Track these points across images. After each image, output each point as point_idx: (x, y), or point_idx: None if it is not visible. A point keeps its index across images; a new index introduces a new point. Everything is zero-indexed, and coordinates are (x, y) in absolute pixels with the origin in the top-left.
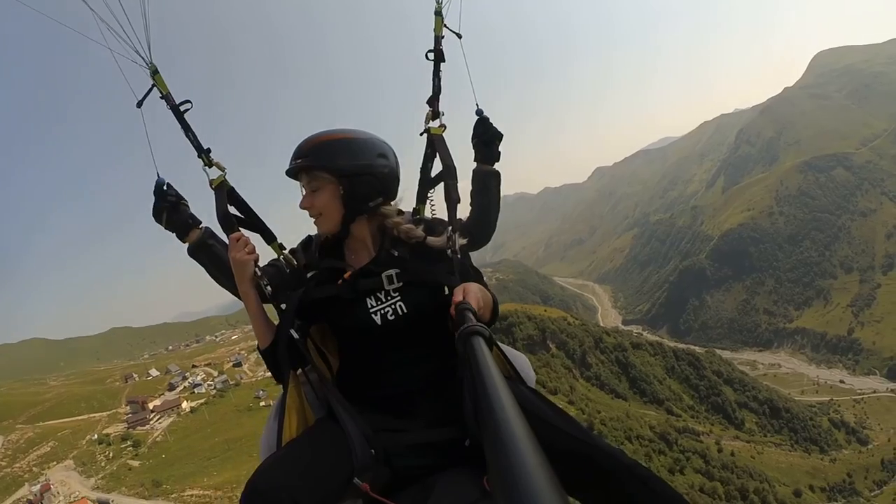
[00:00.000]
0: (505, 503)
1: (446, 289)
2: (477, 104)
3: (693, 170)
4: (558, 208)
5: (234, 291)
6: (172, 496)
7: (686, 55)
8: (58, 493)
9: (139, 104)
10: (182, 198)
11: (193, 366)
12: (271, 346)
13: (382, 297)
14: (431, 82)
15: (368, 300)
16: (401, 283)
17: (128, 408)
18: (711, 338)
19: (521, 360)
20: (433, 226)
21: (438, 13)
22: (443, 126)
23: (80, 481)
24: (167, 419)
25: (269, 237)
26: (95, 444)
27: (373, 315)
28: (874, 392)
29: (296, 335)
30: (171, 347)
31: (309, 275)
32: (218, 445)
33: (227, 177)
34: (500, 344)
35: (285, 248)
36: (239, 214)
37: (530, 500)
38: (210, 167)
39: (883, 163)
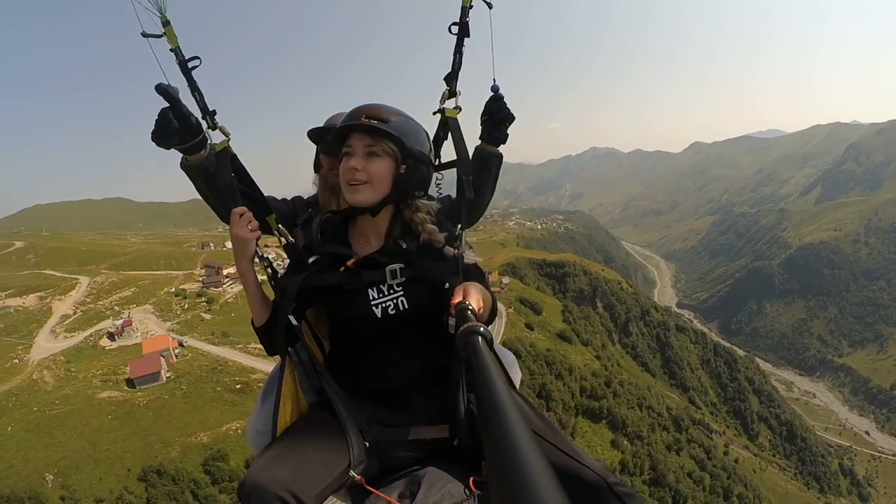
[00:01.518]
0: (503, 501)
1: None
2: (494, 80)
3: (792, 171)
4: (646, 173)
5: (223, 216)
6: (238, 346)
7: (815, 48)
8: (136, 329)
9: (144, 34)
10: (189, 114)
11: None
12: (266, 324)
13: (385, 289)
14: (452, 58)
15: (370, 291)
16: (404, 279)
17: (203, 270)
18: (758, 346)
19: (509, 359)
20: (442, 223)
21: None
22: (458, 108)
23: (156, 323)
24: (238, 286)
25: (267, 210)
26: (172, 296)
27: (373, 307)
28: (894, 455)
29: (293, 321)
30: None
31: (311, 259)
32: None
33: (230, 143)
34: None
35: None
36: (239, 186)
37: (532, 501)
38: (214, 130)
39: None
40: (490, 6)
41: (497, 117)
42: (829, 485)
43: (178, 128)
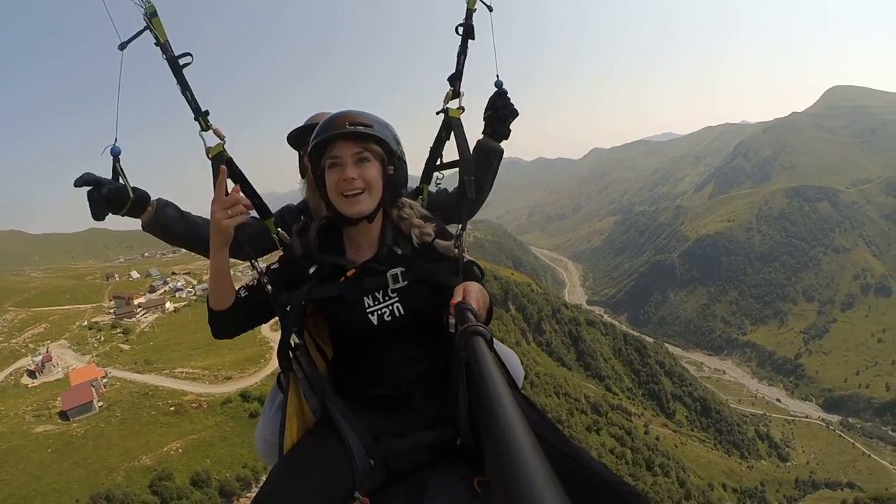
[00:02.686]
0: (504, 501)
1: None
2: (497, 76)
3: (686, 170)
4: (549, 180)
5: (202, 253)
6: (164, 372)
7: (705, 56)
8: (56, 364)
9: (122, 45)
10: (122, 181)
11: (173, 272)
12: (226, 310)
13: (380, 296)
14: (457, 59)
15: (366, 299)
16: (405, 283)
17: (112, 302)
18: (667, 333)
19: (511, 358)
20: (427, 217)
21: None
22: (461, 108)
23: (75, 357)
24: (152, 315)
25: (265, 213)
26: (86, 329)
27: (369, 315)
28: (806, 417)
29: (297, 340)
30: (147, 254)
31: (311, 270)
32: (202, 339)
33: (225, 146)
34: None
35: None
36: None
37: (532, 501)
38: (206, 132)
39: (868, 207)
40: (490, 9)
41: (501, 112)
42: (748, 450)
43: (106, 204)
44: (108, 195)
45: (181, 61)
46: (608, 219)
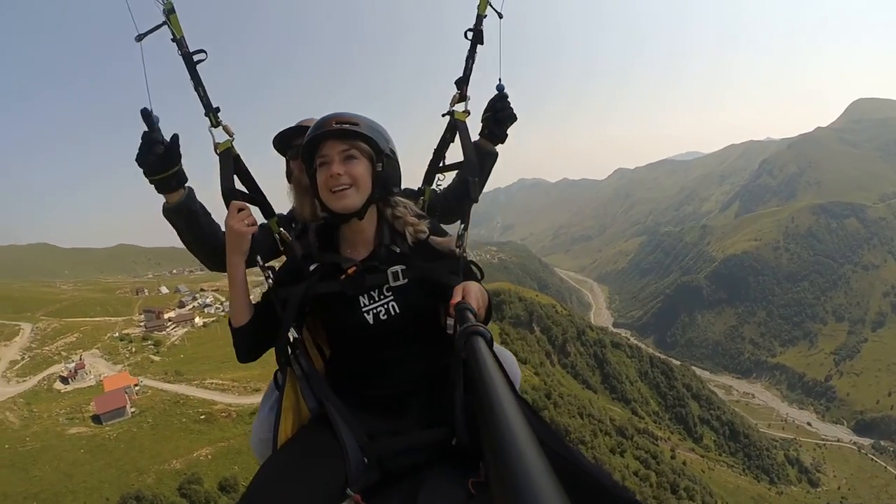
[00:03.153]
0: (506, 501)
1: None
2: (500, 80)
3: (712, 189)
4: (573, 201)
5: (208, 262)
6: (195, 383)
7: (727, 73)
8: (89, 372)
9: (139, 37)
10: (168, 146)
11: (202, 289)
12: (245, 326)
13: (376, 295)
14: (465, 63)
15: (361, 298)
16: (405, 280)
17: (143, 316)
18: (694, 356)
19: (508, 360)
20: (421, 215)
21: None
22: (467, 112)
23: (107, 366)
24: (182, 329)
25: (269, 212)
26: (117, 341)
27: (365, 314)
28: (837, 441)
29: (295, 334)
30: (175, 271)
31: (311, 267)
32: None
33: (234, 143)
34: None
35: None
36: (243, 189)
37: (532, 501)
38: (217, 127)
39: None
40: (500, 16)
41: (500, 115)
42: (777, 476)
43: (160, 152)
44: (171, 146)
45: (195, 58)
46: (633, 240)
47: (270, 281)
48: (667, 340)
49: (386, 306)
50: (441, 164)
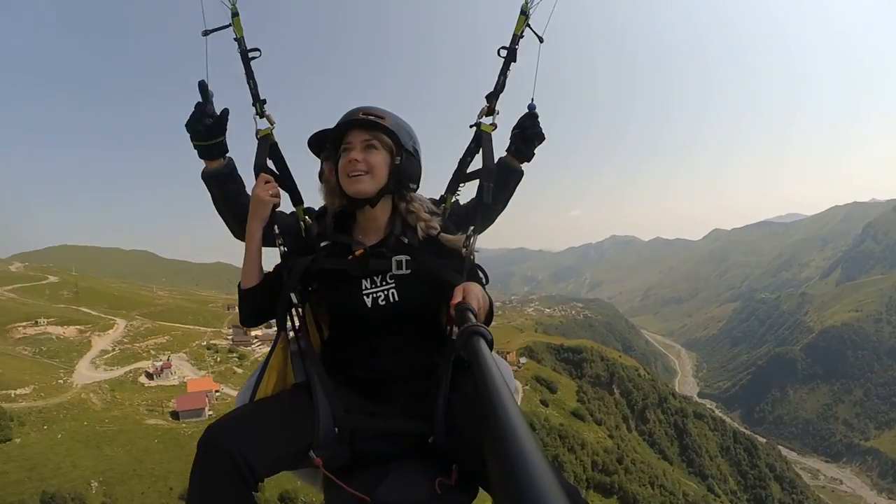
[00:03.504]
0: (510, 502)
1: (445, 291)
2: (532, 100)
3: (812, 254)
4: (666, 261)
5: (235, 230)
6: None
7: (832, 129)
8: (174, 372)
9: (205, 32)
10: (219, 116)
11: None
12: (252, 289)
13: (378, 281)
14: (497, 79)
15: (364, 282)
16: (409, 271)
17: (231, 330)
18: (783, 434)
19: (504, 368)
20: (446, 224)
21: (524, 12)
22: (494, 125)
23: (191, 370)
24: (266, 347)
25: (297, 199)
26: (204, 349)
27: (364, 296)
28: None
29: (295, 299)
30: None
31: (322, 244)
32: None
33: (273, 132)
34: None
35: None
36: (275, 171)
37: (536, 499)
38: (262, 117)
39: None
40: (541, 40)
41: (528, 133)
42: None
43: (209, 123)
44: (220, 118)
45: (250, 55)
46: (727, 305)
47: (283, 248)
48: (754, 416)
49: (386, 293)
50: (464, 173)
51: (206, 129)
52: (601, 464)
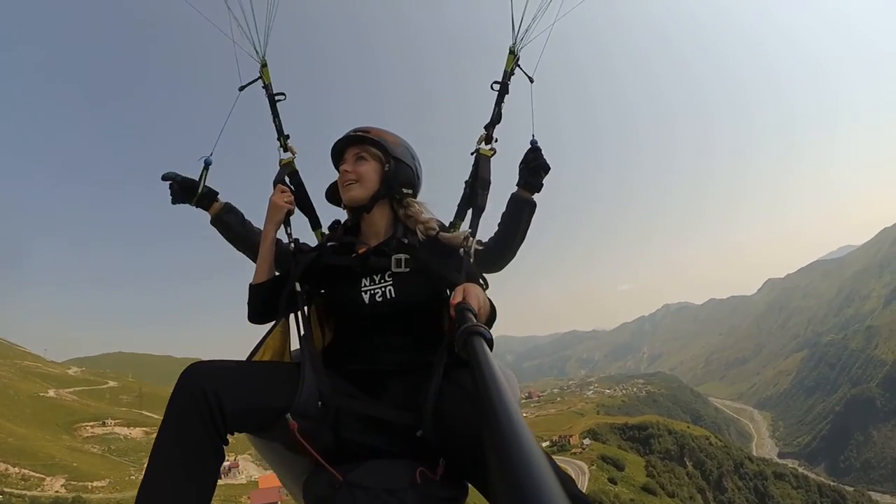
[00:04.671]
0: (511, 501)
1: (448, 290)
2: (533, 135)
3: (871, 284)
4: (723, 321)
5: (248, 256)
6: None
7: (875, 149)
8: (241, 472)
9: (241, 88)
10: (207, 188)
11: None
12: (262, 283)
13: (377, 279)
14: (493, 110)
15: (364, 279)
16: (407, 269)
17: None
18: (873, 479)
19: (508, 377)
20: (447, 229)
21: (512, 52)
22: (493, 150)
23: (257, 470)
24: None
25: (316, 224)
26: None
27: (363, 293)
28: None
29: (298, 287)
30: None
31: (328, 244)
32: None
33: (295, 162)
34: None
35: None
36: (293, 192)
37: (537, 498)
38: (286, 151)
39: None
40: (531, 80)
41: (533, 165)
42: None
43: (180, 193)
44: (183, 184)
45: (276, 98)
46: (794, 356)
47: (293, 246)
48: (840, 466)
49: (384, 290)
50: (468, 197)
51: (177, 194)
52: None
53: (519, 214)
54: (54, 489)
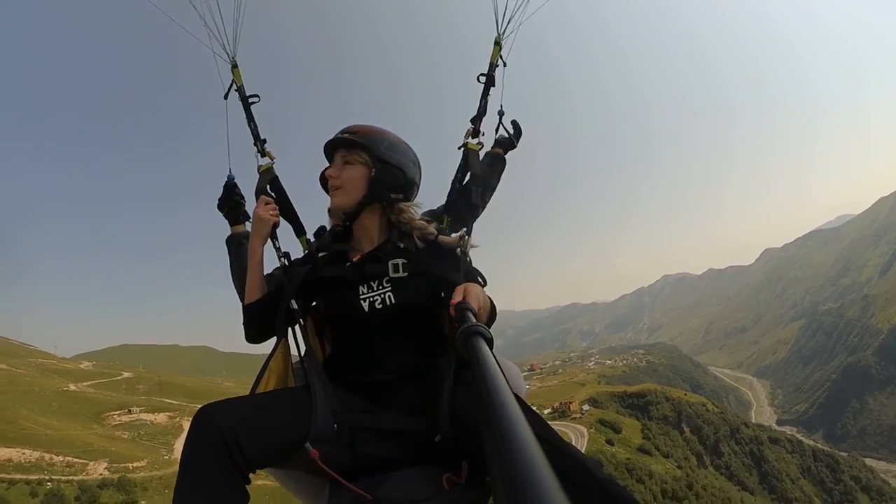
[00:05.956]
0: (511, 500)
1: (444, 292)
2: (501, 106)
3: (868, 253)
4: (722, 292)
5: (240, 290)
6: None
7: (862, 120)
8: None
9: (225, 96)
10: (243, 198)
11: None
12: (255, 302)
13: (375, 285)
14: (479, 103)
15: (361, 287)
16: (405, 273)
17: None
18: (868, 445)
19: (512, 371)
20: (430, 221)
21: (497, 43)
22: (480, 144)
23: None
24: None
25: (300, 231)
26: None
27: (361, 301)
28: None
29: (294, 305)
30: None
31: (320, 255)
32: None
33: (274, 167)
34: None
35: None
36: (275, 200)
37: (537, 497)
38: (263, 156)
39: None
40: (504, 64)
41: (515, 135)
42: None
43: (232, 205)
44: (237, 199)
45: (251, 101)
46: (791, 325)
47: (285, 261)
48: (837, 433)
49: (382, 296)
50: (456, 190)
51: (229, 207)
52: (671, 491)
53: (492, 166)
54: (98, 472)
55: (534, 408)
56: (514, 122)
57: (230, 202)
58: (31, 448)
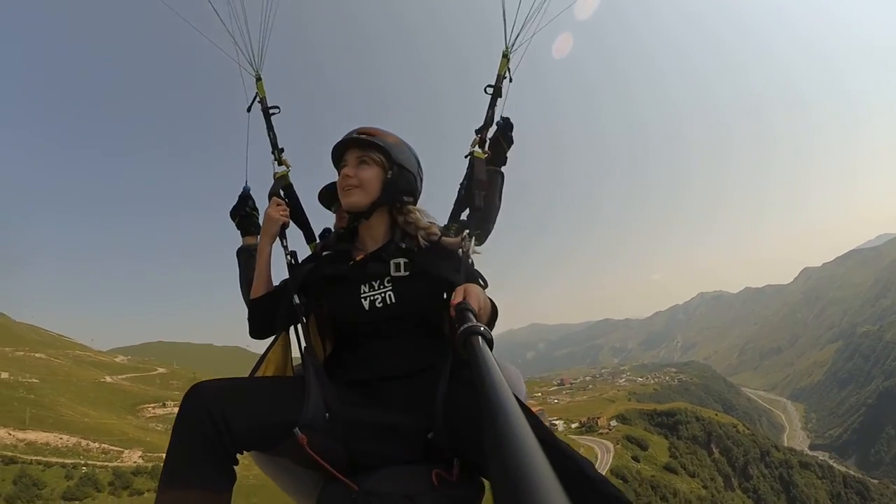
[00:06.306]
0: (510, 500)
1: (445, 293)
2: (501, 116)
3: None
4: (758, 311)
5: (247, 288)
6: None
7: None
8: None
9: (248, 108)
10: (257, 209)
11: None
12: (261, 297)
13: (376, 285)
14: (486, 113)
15: (363, 286)
16: (406, 273)
17: None
18: None
19: (512, 373)
20: (435, 223)
21: (506, 56)
22: (487, 153)
23: None
24: None
25: (310, 237)
26: None
27: (362, 300)
28: None
29: (297, 300)
30: None
31: (324, 254)
32: None
33: (290, 175)
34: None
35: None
36: (287, 204)
37: (537, 497)
38: (280, 165)
39: None
40: (511, 80)
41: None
42: None
43: (244, 214)
44: (251, 210)
45: (271, 112)
46: (828, 347)
47: (290, 258)
48: (870, 459)
49: (383, 295)
50: (463, 199)
51: (240, 217)
52: None
53: (492, 183)
54: (132, 460)
55: (561, 420)
56: (504, 119)
57: (242, 211)
58: (68, 434)
